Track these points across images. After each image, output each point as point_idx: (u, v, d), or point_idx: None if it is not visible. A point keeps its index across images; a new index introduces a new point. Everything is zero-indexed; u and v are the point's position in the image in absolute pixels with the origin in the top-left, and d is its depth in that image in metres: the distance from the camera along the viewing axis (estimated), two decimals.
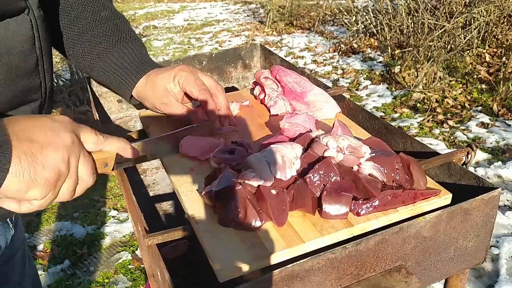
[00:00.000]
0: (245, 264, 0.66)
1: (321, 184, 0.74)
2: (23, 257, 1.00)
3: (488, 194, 0.81)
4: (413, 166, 0.77)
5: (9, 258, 0.94)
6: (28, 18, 0.70)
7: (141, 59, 0.95)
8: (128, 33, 0.96)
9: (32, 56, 0.73)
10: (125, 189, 0.99)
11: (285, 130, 0.89)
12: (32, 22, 0.71)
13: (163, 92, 0.93)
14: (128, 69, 0.93)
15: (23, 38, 0.70)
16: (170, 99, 0.93)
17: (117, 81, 0.95)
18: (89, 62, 0.94)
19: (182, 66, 0.94)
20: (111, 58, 0.93)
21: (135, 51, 0.95)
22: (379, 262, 0.75)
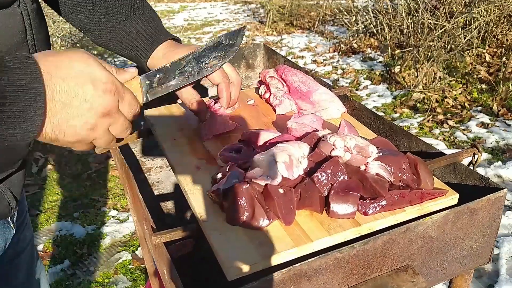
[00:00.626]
0: (253, 262, 0.66)
1: (329, 183, 0.74)
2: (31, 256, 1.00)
3: (494, 194, 0.81)
4: (420, 166, 0.77)
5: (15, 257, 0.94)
6: (18, 11, 0.69)
7: (155, 29, 0.94)
8: (140, 3, 0.96)
9: (24, 49, 0.72)
10: (131, 187, 0.99)
11: (293, 130, 0.89)
12: (23, 15, 0.70)
13: None
14: (142, 40, 0.92)
15: (12, 31, 0.69)
16: None
17: (133, 52, 0.94)
18: (105, 35, 0.94)
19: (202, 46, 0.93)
20: (125, 29, 0.92)
21: (148, 21, 0.94)
22: (386, 261, 0.75)
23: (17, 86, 0.54)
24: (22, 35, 0.71)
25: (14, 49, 0.70)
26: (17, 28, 0.70)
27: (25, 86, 0.55)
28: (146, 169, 1.32)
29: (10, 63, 0.55)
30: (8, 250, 0.89)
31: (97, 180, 3.09)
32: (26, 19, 0.71)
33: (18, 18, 0.69)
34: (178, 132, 1.00)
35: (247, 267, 0.66)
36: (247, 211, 0.70)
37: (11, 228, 0.89)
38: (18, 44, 0.71)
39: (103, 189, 2.99)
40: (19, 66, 0.55)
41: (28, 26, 0.71)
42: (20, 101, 0.54)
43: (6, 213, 0.80)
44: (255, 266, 0.66)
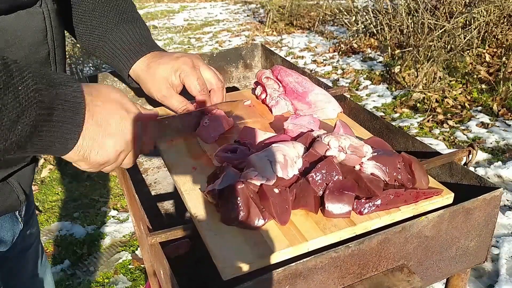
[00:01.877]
0: (249, 262, 0.66)
1: (324, 183, 0.74)
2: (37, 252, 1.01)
3: (490, 194, 0.82)
4: (415, 165, 0.77)
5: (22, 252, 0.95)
6: (40, 10, 0.72)
7: (140, 41, 0.95)
8: (130, 14, 0.97)
9: (44, 47, 0.75)
10: (127, 188, 1.00)
11: (289, 131, 0.90)
12: (44, 14, 0.72)
13: (163, 84, 0.93)
14: (125, 50, 0.95)
15: (34, 30, 0.72)
16: (170, 91, 0.94)
17: (115, 61, 0.96)
18: (91, 42, 0.97)
19: (185, 58, 0.94)
20: (110, 39, 0.95)
21: (134, 32, 0.95)
22: (381, 261, 0.76)
23: (63, 99, 0.60)
24: (43, 34, 0.74)
25: (35, 48, 0.73)
26: (38, 27, 0.72)
27: (69, 101, 0.61)
28: (143, 170, 1.32)
29: (57, 80, 0.60)
30: (16, 245, 0.90)
31: (97, 180, 3.09)
32: (47, 18, 0.73)
33: (40, 17, 0.72)
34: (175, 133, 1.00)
35: (242, 266, 0.66)
36: (242, 211, 0.71)
37: (19, 222, 0.90)
38: (39, 43, 0.74)
39: (103, 189, 3.00)
40: (65, 82, 0.61)
41: (49, 26, 0.74)
42: (65, 113, 0.60)
43: (15, 206, 0.82)
44: (250, 266, 0.67)
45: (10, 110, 0.53)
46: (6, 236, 0.87)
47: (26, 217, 0.95)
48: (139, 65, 0.95)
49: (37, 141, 0.59)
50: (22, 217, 0.91)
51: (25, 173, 0.82)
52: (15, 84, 0.54)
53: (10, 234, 0.88)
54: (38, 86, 0.56)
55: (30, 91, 0.55)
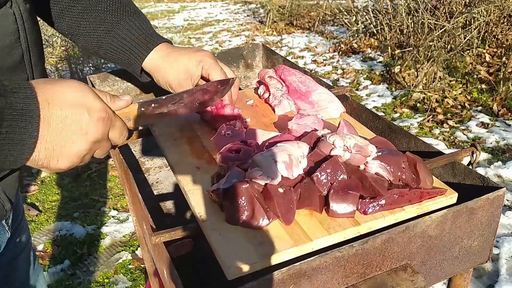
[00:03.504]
0: (253, 262, 0.66)
1: (328, 182, 0.74)
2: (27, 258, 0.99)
3: (493, 193, 0.82)
4: (419, 165, 0.77)
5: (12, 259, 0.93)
6: (11, 12, 0.69)
7: (148, 32, 0.95)
8: (132, 7, 0.96)
9: (17, 50, 0.72)
10: (130, 187, 0.99)
11: (293, 131, 0.90)
12: (16, 15, 0.69)
13: (183, 72, 0.93)
14: (137, 42, 0.93)
15: (4, 32, 0.69)
16: (188, 81, 0.94)
17: (126, 55, 0.95)
18: (96, 39, 0.94)
19: (206, 52, 0.96)
20: (118, 33, 0.93)
21: (141, 24, 0.94)
22: (385, 260, 0.76)
23: (14, 109, 0.55)
24: (15, 36, 0.70)
25: (7, 51, 0.70)
26: (9, 29, 0.69)
27: (21, 109, 0.56)
28: (145, 169, 1.32)
29: (8, 87, 0.56)
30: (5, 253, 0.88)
31: (97, 180, 3.09)
32: (19, 19, 0.70)
33: (11, 19, 0.69)
34: (178, 132, 1.00)
35: (246, 266, 0.66)
36: (246, 210, 0.71)
37: (6, 231, 0.88)
38: (12, 45, 0.70)
39: (103, 189, 2.99)
40: (17, 90, 0.57)
41: (21, 27, 0.71)
42: (16, 124, 0.55)
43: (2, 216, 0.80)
44: (254, 266, 0.67)
45: None
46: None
47: (14, 225, 0.92)
48: (155, 55, 0.94)
49: None
50: (9, 225, 0.89)
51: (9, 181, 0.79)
52: None
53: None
54: None
55: None
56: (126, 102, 0.76)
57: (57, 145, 0.61)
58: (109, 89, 1.39)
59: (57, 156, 0.62)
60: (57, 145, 0.61)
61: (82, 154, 0.65)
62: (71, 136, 0.62)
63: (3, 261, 0.90)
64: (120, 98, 0.74)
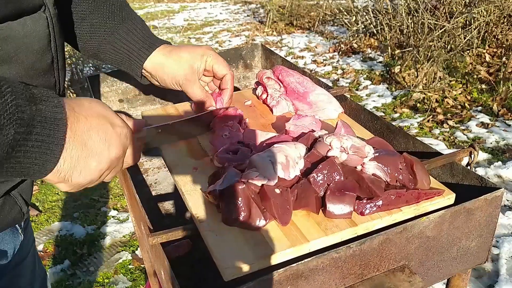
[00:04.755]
0: (250, 263, 0.66)
1: (325, 183, 0.74)
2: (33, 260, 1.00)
3: (491, 194, 0.81)
4: (416, 166, 0.77)
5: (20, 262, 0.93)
6: (44, 16, 0.70)
7: (148, 34, 0.97)
8: (130, 11, 0.98)
9: (48, 54, 0.73)
10: (128, 188, 0.99)
11: (291, 132, 0.90)
12: (48, 20, 0.70)
13: (188, 67, 0.95)
14: (139, 44, 0.95)
15: (39, 36, 0.70)
16: (194, 76, 0.96)
17: (127, 57, 0.96)
18: (96, 43, 0.95)
19: (207, 46, 0.99)
20: (118, 36, 0.94)
21: (140, 27, 0.96)
22: (382, 261, 0.76)
23: (43, 116, 0.56)
24: (48, 40, 0.71)
25: (41, 55, 0.71)
26: (43, 33, 0.70)
27: (50, 117, 0.56)
28: (144, 170, 1.32)
29: (37, 95, 0.57)
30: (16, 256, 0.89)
31: None
32: (50, 24, 0.71)
33: (44, 23, 0.70)
34: None
35: (243, 267, 0.66)
36: (243, 211, 0.71)
37: (19, 234, 0.88)
38: (44, 49, 0.71)
39: (103, 189, 3.00)
40: (46, 98, 0.57)
41: (52, 31, 0.72)
42: (45, 131, 0.56)
43: (19, 219, 0.80)
44: (251, 267, 0.67)
45: None
46: (8, 248, 0.85)
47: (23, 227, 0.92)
48: (157, 55, 0.96)
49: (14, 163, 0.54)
50: (22, 228, 0.89)
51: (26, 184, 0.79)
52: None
53: (11, 246, 0.86)
54: (18, 102, 0.53)
55: (8, 106, 0.52)
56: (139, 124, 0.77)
57: (82, 156, 0.61)
58: (108, 89, 1.39)
59: (80, 168, 0.61)
60: (81, 155, 0.61)
61: (104, 168, 0.65)
62: (96, 147, 0.62)
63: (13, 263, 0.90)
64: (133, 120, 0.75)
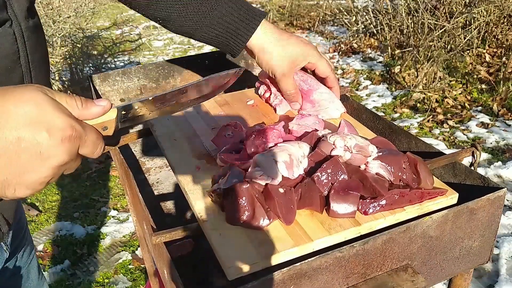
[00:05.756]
0: (254, 262, 0.66)
1: (329, 183, 0.74)
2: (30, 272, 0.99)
3: (494, 194, 0.82)
4: (420, 165, 0.77)
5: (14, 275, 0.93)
6: (10, 31, 0.64)
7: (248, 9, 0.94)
8: None
9: (16, 72, 0.67)
10: (130, 187, 0.99)
11: (294, 132, 0.90)
12: (16, 35, 0.65)
13: (289, 63, 0.96)
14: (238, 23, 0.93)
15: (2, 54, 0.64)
16: (292, 72, 0.98)
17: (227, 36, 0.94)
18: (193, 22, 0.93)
19: (312, 45, 1.00)
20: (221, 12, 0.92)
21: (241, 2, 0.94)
22: (386, 261, 0.76)
23: None
24: (14, 57, 0.66)
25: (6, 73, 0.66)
26: (8, 50, 0.65)
27: None
28: (145, 169, 1.32)
29: None
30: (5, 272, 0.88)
31: (97, 180, 3.09)
32: (19, 39, 0.66)
33: (10, 39, 0.64)
34: (178, 132, 1.00)
35: (247, 266, 0.66)
36: (247, 210, 0.71)
37: (3, 251, 0.87)
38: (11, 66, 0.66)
39: (103, 189, 2.99)
40: None
41: (22, 47, 0.66)
42: None
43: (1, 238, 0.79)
44: (255, 266, 0.66)
45: None
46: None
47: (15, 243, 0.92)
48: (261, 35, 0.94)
49: None
50: (8, 245, 0.88)
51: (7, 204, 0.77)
52: None
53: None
54: None
55: None
56: (103, 109, 0.60)
57: (11, 174, 0.51)
58: (110, 89, 1.38)
59: (14, 185, 0.52)
60: (11, 174, 0.50)
61: (44, 181, 0.53)
62: (29, 163, 0.51)
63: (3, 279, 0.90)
64: (95, 103, 0.59)
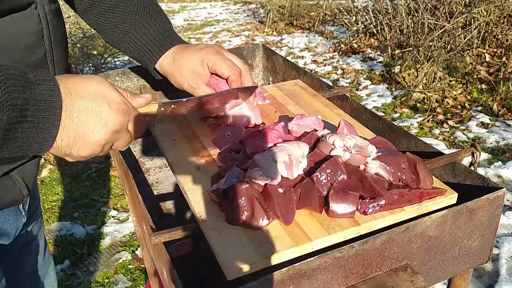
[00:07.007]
0: (253, 262, 0.66)
1: (328, 183, 0.74)
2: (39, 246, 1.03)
3: (493, 194, 0.82)
4: (419, 165, 0.77)
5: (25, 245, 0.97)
6: (35, 13, 0.72)
7: (163, 35, 0.98)
8: (152, 8, 1.00)
9: (40, 49, 0.75)
10: (130, 187, 0.99)
11: (293, 132, 0.90)
12: (40, 16, 0.73)
13: (190, 75, 0.96)
14: (150, 45, 0.97)
15: (28, 32, 0.72)
16: (197, 82, 0.96)
17: (141, 57, 0.99)
18: (116, 37, 0.99)
19: (209, 48, 0.97)
20: (135, 34, 0.97)
21: (158, 27, 0.98)
22: (385, 261, 0.76)
23: (38, 100, 0.60)
24: (38, 36, 0.74)
25: (30, 50, 0.73)
26: (32, 29, 0.72)
27: (45, 100, 0.60)
28: (145, 170, 1.32)
29: (32, 79, 0.60)
30: (18, 238, 0.91)
31: (97, 180, 3.09)
32: (43, 20, 0.74)
33: (35, 20, 0.72)
34: (178, 132, 1.00)
35: (246, 266, 0.66)
36: (246, 210, 0.71)
37: (22, 216, 0.91)
38: (34, 44, 0.74)
39: (103, 189, 2.99)
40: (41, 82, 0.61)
41: (45, 27, 0.74)
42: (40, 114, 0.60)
43: (18, 201, 0.83)
44: (254, 266, 0.67)
45: None
46: (10, 229, 0.88)
47: (30, 211, 0.95)
48: (165, 59, 0.97)
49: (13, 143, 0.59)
50: (25, 211, 0.92)
51: (28, 168, 0.82)
52: None
53: (13, 227, 0.89)
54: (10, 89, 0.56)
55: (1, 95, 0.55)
56: (146, 100, 0.79)
57: (78, 134, 0.65)
58: None
59: (79, 144, 0.66)
60: (78, 134, 0.65)
61: (102, 143, 0.68)
62: (92, 126, 0.66)
63: (17, 246, 0.93)
64: (140, 96, 0.78)
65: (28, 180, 0.83)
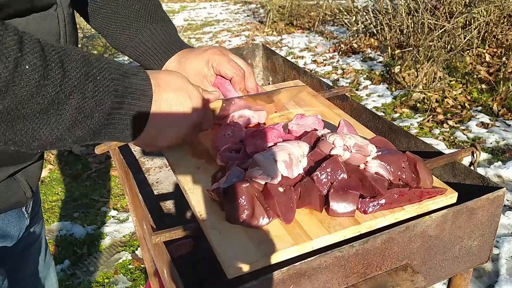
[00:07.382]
0: (253, 261, 0.66)
1: (328, 182, 0.74)
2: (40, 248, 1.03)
3: (493, 193, 0.82)
4: (419, 164, 0.77)
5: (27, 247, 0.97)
6: (55, 14, 0.73)
7: (169, 40, 0.99)
8: (158, 14, 1.01)
9: None
10: (130, 187, 0.99)
11: (293, 132, 0.90)
12: (59, 18, 0.74)
13: (196, 77, 0.97)
14: (156, 50, 0.98)
15: (47, 33, 0.73)
16: (204, 83, 0.97)
17: (146, 62, 1.00)
18: (122, 42, 1.00)
19: (213, 49, 0.98)
20: (141, 39, 0.98)
21: (164, 32, 0.99)
22: (385, 260, 0.76)
23: (134, 88, 0.65)
24: (56, 38, 0.75)
25: None
26: (52, 30, 0.73)
27: (140, 90, 0.65)
28: (145, 169, 1.32)
29: (128, 70, 0.65)
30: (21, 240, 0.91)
31: (97, 180, 3.09)
32: (61, 22, 0.75)
33: (54, 21, 0.73)
34: None
35: (247, 265, 0.66)
36: (247, 209, 0.71)
37: (25, 218, 0.91)
38: None
39: (103, 189, 2.99)
40: (135, 73, 0.66)
41: (63, 30, 0.75)
42: (135, 102, 0.65)
43: (22, 203, 0.84)
44: (255, 265, 0.66)
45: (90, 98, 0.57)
46: (13, 231, 0.88)
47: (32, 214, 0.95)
48: (171, 64, 0.98)
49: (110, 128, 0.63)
50: (28, 213, 0.92)
51: (32, 170, 0.82)
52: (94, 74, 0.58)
53: (17, 229, 0.89)
54: (113, 76, 0.61)
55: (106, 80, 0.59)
56: (215, 96, 0.84)
57: (164, 124, 0.71)
58: None
59: (162, 135, 0.72)
60: (163, 124, 0.71)
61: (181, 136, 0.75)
62: (175, 118, 0.72)
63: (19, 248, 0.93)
64: (210, 92, 0.84)
65: (32, 182, 0.83)
